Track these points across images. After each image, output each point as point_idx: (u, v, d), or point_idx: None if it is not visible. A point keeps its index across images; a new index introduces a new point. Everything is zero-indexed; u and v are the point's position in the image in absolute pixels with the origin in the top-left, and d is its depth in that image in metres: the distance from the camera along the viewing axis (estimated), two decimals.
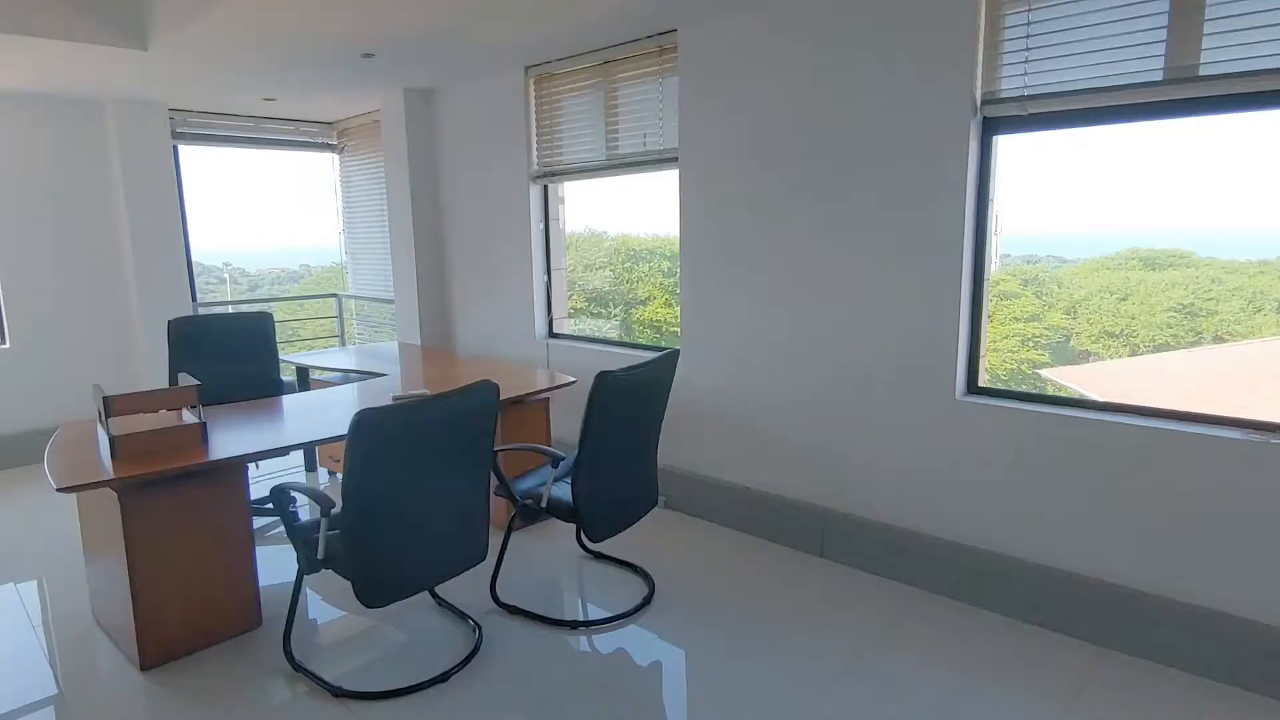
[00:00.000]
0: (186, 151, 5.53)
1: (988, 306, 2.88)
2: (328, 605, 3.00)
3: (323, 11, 3.22)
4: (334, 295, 6.48)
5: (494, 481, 2.73)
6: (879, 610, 2.86)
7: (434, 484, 2.32)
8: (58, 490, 2.26)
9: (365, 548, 2.20)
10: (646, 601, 2.92)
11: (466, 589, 2.99)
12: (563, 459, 2.73)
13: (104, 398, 2.49)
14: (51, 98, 4.85)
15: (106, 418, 2.51)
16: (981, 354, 2.91)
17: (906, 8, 2.81)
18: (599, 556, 3.33)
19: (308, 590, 3.12)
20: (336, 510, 2.27)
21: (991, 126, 2.75)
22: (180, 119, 5.38)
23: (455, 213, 5.02)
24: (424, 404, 2.25)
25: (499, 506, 3.36)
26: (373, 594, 2.24)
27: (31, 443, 4.88)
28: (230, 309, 5.56)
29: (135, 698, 2.40)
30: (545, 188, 4.52)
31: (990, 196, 2.81)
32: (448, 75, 4.56)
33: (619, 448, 2.73)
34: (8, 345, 4.87)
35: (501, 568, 2.97)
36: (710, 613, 2.86)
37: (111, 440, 2.46)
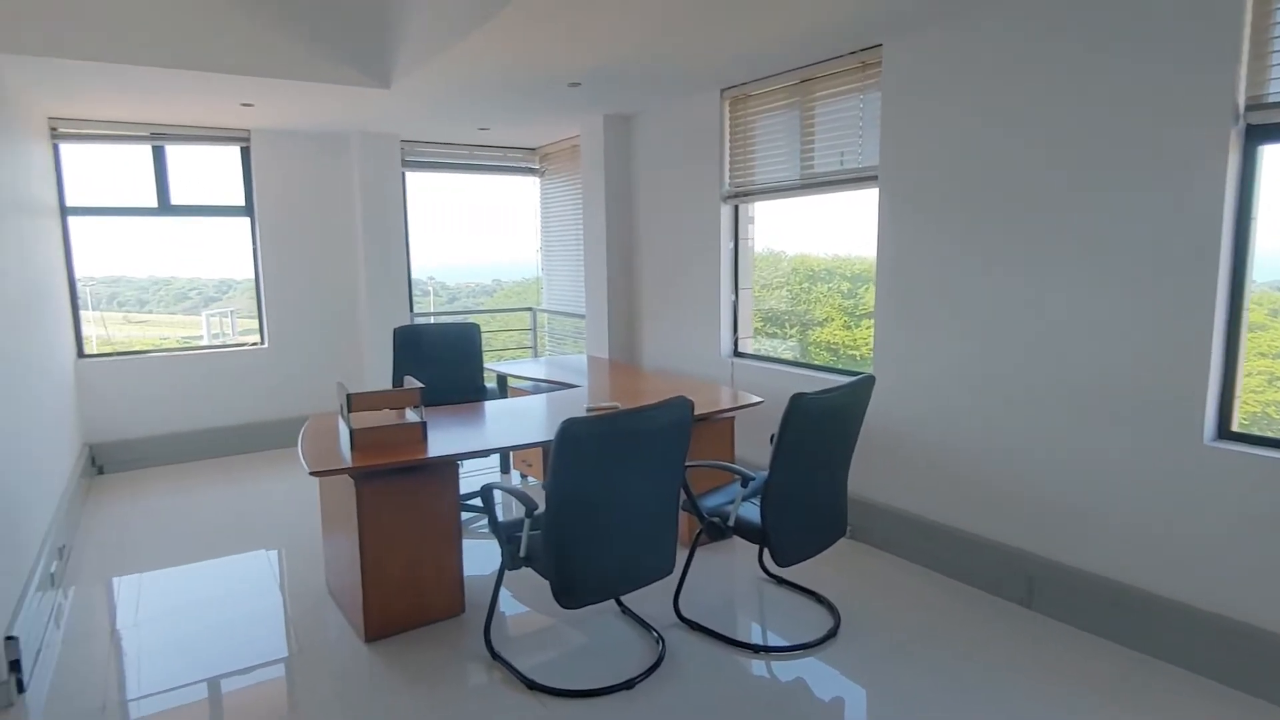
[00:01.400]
0: (411, 177, 6.17)
1: (1245, 339, 2.51)
2: (516, 600, 3.18)
3: (540, 48, 3.47)
4: (529, 309, 6.91)
5: (682, 497, 2.77)
6: (1095, 675, 2.56)
7: (630, 494, 2.39)
8: (310, 474, 2.59)
9: (564, 550, 2.32)
10: (832, 634, 2.82)
11: (650, 600, 3.05)
12: (752, 479, 2.72)
13: (347, 395, 2.82)
14: (311, 133, 5.61)
15: (348, 412, 2.84)
16: (1236, 394, 2.54)
17: (1153, 4, 2.53)
18: (781, 582, 3.27)
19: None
20: (539, 512, 2.41)
21: (1257, 135, 2.41)
22: (408, 148, 6.01)
23: (647, 232, 5.19)
24: (623, 416, 2.33)
25: (684, 522, 3.41)
26: (569, 595, 2.34)
27: (282, 430, 5.63)
28: (432, 319, 6.12)
29: (358, 665, 2.68)
30: (736, 208, 4.55)
31: (1252, 215, 2.46)
32: (646, 100, 4.74)
33: (810, 472, 2.67)
34: (266, 345, 5.68)
35: (685, 583, 3.00)
36: (898, 654, 2.71)
37: (351, 433, 2.78)
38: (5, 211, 3.42)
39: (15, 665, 2.49)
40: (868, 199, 3.68)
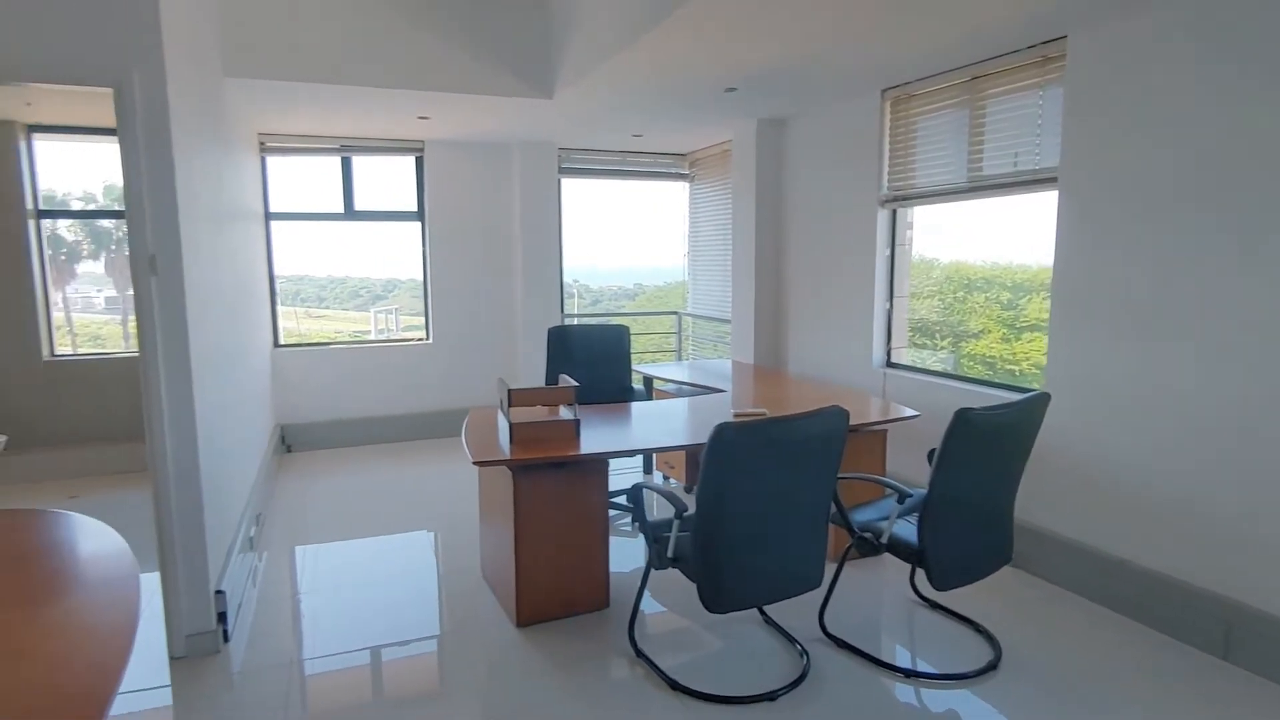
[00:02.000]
0: (566, 183, 6.40)
1: None
2: (654, 599, 3.21)
3: (700, 55, 3.50)
4: (675, 313, 6.98)
5: (832, 509, 2.70)
6: None
7: (781, 503, 2.36)
8: (473, 463, 2.76)
9: (713, 554, 2.32)
10: (991, 667, 2.64)
11: (793, 613, 3.00)
12: (910, 495, 2.60)
13: (508, 390, 2.97)
14: (477, 143, 5.97)
15: (508, 407, 2.99)
16: None
17: None
18: (935, 606, 3.10)
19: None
20: (688, 514, 2.43)
21: None
22: (565, 155, 6.25)
23: (796, 237, 5.10)
24: (776, 423, 2.30)
25: (832, 535, 3.32)
26: (716, 599, 2.35)
27: (443, 420, 6.03)
28: (576, 320, 6.35)
29: (509, 648, 2.82)
30: (893, 212, 4.38)
31: None
32: (801, 103, 4.66)
33: (974, 493, 2.53)
34: (430, 341, 6.09)
35: (831, 597, 2.92)
36: (1067, 697, 2.49)
37: (511, 427, 2.93)
38: (229, 218, 3.89)
39: (222, 617, 2.82)
40: (1041, 203, 3.43)
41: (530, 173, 5.98)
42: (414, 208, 6.02)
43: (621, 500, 4.24)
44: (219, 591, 2.81)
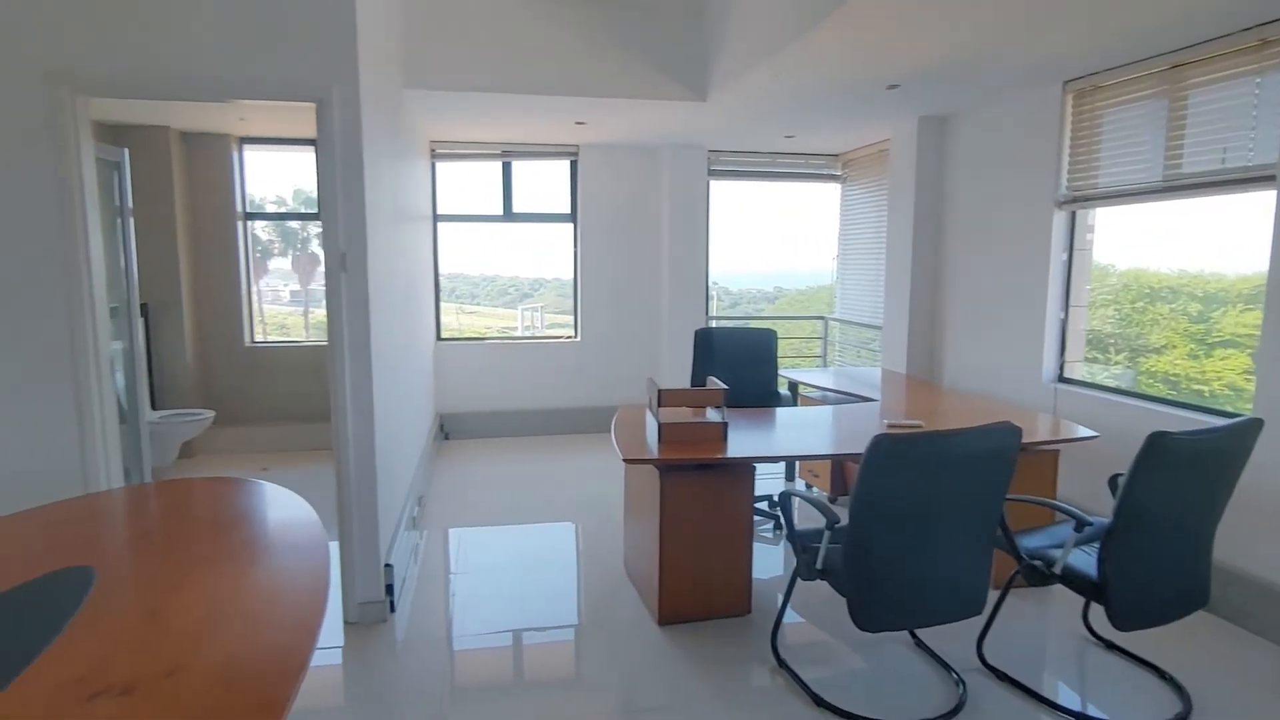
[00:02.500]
0: (715, 186, 6.40)
1: None
2: (794, 610, 3.13)
3: (863, 52, 3.38)
4: (820, 317, 6.81)
5: (998, 532, 2.52)
6: None
7: (941, 522, 2.24)
8: (624, 461, 2.81)
9: (866, 570, 2.24)
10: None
11: (948, 638, 2.83)
12: (1089, 524, 2.39)
13: (658, 390, 3.01)
14: (629, 146, 6.10)
15: (658, 407, 3.03)
16: None
17: None
18: (1111, 646, 2.83)
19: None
20: (840, 525, 2.36)
21: None
22: (714, 158, 6.25)
23: (958, 241, 4.82)
24: (941, 438, 2.18)
25: (997, 560, 3.11)
26: (866, 616, 2.26)
27: (588, 416, 6.22)
28: (714, 323, 6.32)
29: (648, 645, 2.85)
30: (1072, 214, 4.04)
31: None
32: (967, 99, 4.40)
33: (1167, 526, 2.28)
34: (578, 339, 6.29)
35: (992, 626, 2.73)
36: None
37: (660, 427, 2.96)
38: (406, 219, 4.21)
39: (389, 589, 3.04)
40: (1249, 204, 3.04)
41: (680, 175, 6.03)
42: (567, 210, 6.24)
43: (763, 506, 4.19)
44: (388, 565, 3.04)
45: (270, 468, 5.13)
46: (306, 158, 5.89)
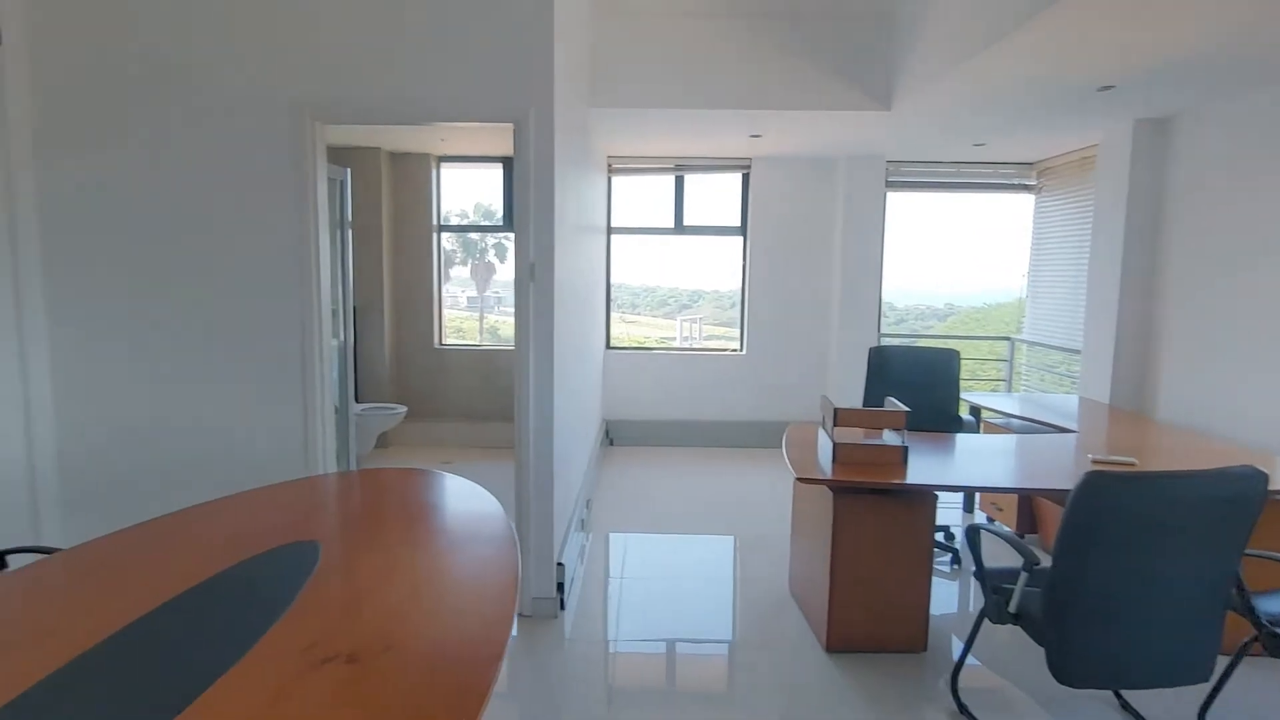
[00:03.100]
0: (893, 198, 6.14)
1: None
2: (973, 655, 2.91)
3: (1075, 52, 3.11)
4: (1006, 338, 6.32)
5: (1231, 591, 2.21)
6: None
7: (1164, 574, 1.99)
8: (796, 479, 2.75)
9: (1070, 619, 2.03)
10: None
11: (1163, 703, 2.51)
12: None
13: (834, 409, 2.91)
14: (802, 158, 6.00)
15: (833, 426, 2.93)
16: None
17: None
18: None
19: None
20: (1039, 567, 2.16)
21: None
22: (893, 169, 6.00)
23: (1180, 258, 4.30)
24: (1167, 479, 1.95)
25: (1229, 624, 2.74)
26: (1068, 670, 2.05)
27: (751, 430, 6.16)
28: (884, 340, 6.04)
29: (814, 670, 2.75)
30: None
31: None
32: (1198, 98, 3.91)
33: None
34: (744, 353, 6.25)
35: (1218, 696, 2.39)
36: None
37: (835, 446, 2.87)
38: (587, 232, 4.40)
39: (560, 587, 3.16)
40: None
41: (855, 187, 5.85)
42: (737, 222, 6.23)
43: (939, 538, 3.94)
44: (559, 563, 3.16)
45: (452, 462, 5.51)
46: (489, 174, 6.30)
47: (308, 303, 3.03)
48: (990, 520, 4.34)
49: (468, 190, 6.62)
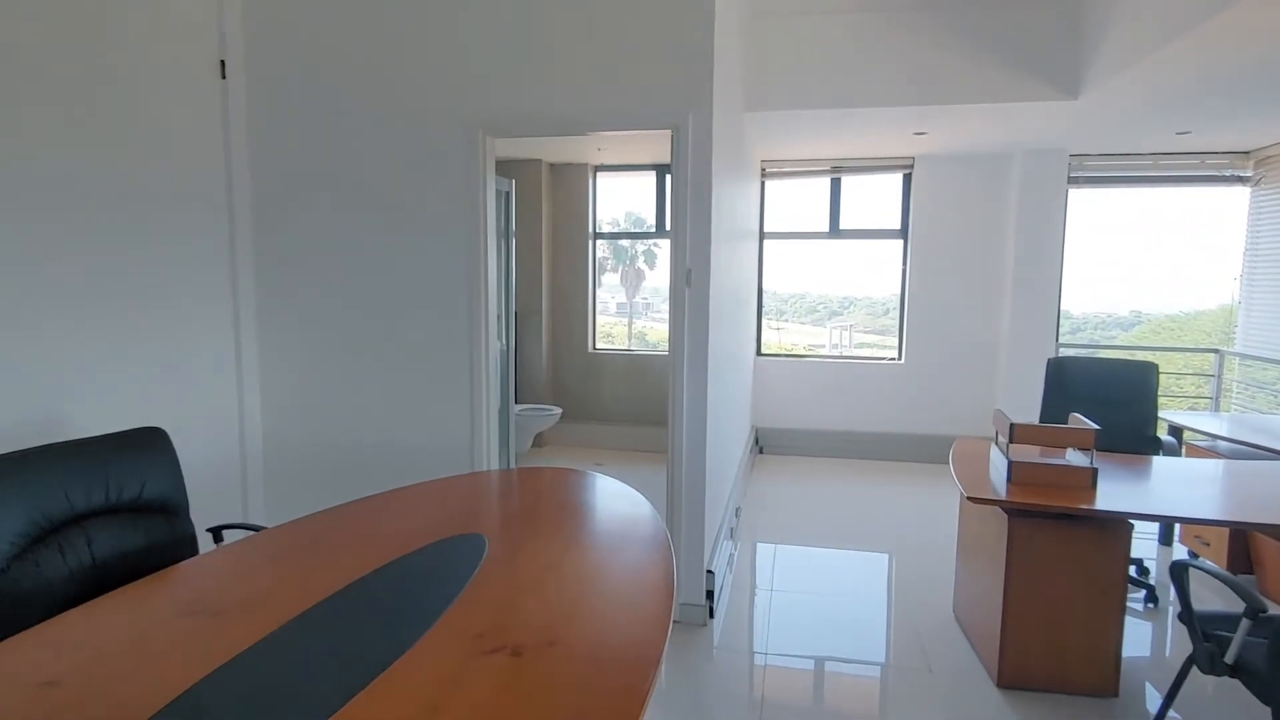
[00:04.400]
0: (1075, 195, 5.62)
1: None
2: (1176, 709, 2.57)
3: None
4: (1214, 350, 5.59)
5: None
6: None
7: None
8: (967, 499, 2.57)
9: None
10: None
11: None
12: None
13: (1010, 425, 2.69)
14: (971, 156, 5.62)
15: (1009, 443, 2.71)
16: None
17: None
18: None
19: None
20: (1267, 615, 1.88)
21: None
22: (1076, 163, 5.49)
23: None
24: None
25: None
26: None
27: (911, 444, 5.85)
28: (1064, 351, 5.48)
29: (984, 705, 2.55)
30: None
31: None
32: None
33: None
34: (902, 362, 5.95)
35: None
36: None
37: (1010, 465, 2.65)
38: (741, 238, 4.36)
39: (710, 595, 3.14)
40: None
41: (1032, 184, 5.40)
42: (897, 225, 5.94)
43: (1132, 572, 3.54)
44: (709, 571, 3.14)
45: (603, 464, 5.64)
46: (641, 181, 6.40)
47: (476, 309, 3.21)
48: (1194, 556, 3.84)
49: (619, 198, 6.78)
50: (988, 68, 4.05)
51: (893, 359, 6.05)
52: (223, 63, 3.14)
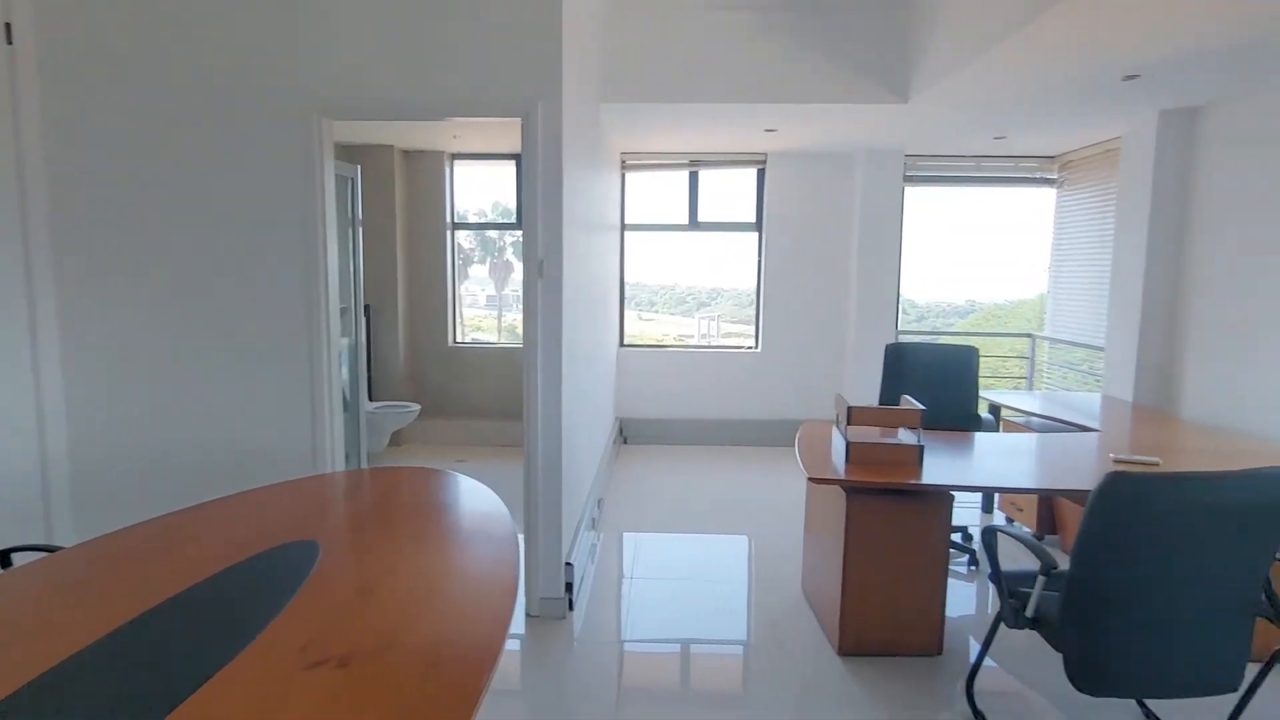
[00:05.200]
0: (911, 192, 6.04)
1: None
2: (990, 658, 2.83)
3: (1099, 40, 3.02)
4: (1027, 335, 6.20)
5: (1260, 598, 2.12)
6: None
7: (1188, 580, 1.92)
8: (809, 480, 2.70)
9: (1091, 625, 1.96)
10: None
11: (1187, 713, 2.43)
12: None
13: (848, 408, 2.86)
14: (818, 153, 5.91)
15: (846, 425, 2.88)
16: None
17: None
18: None
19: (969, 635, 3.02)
20: (1058, 571, 2.09)
21: None
22: (911, 163, 5.90)
23: (1207, 252, 4.18)
24: (1194, 481, 1.87)
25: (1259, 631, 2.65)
26: (1088, 678, 1.98)
27: (766, 429, 6.09)
28: (901, 338, 5.94)
29: (827, 674, 2.70)
30: None
31: None
32: (1226, 87, 3.80)
33: None
34: (759, 350, 6.19)
35: (1248, 706, 2.30)
36: None
37: (849, 446, 2.81)
38: (600, 229, 4.36)
39: (569, 587, 3.13)
40: None
41: (873, 182, 5.76)
42: (752, 219, 6.17)
43: (955, 538, 3.86)
44: (568, 563, 3.13)
45: (465, 460, 5.50)
46: (505, 171, 6.28)
47: (315, 302, 3.02)
48: (1010, 521, 4.25)
49: (484, 188, 6.62)
50: (829, 70, 4.26)
51: (751, 348, 6.29)
52: (8, 26, 2.77)
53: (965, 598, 3.43)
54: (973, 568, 3.73)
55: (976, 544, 3.95)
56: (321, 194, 3.01)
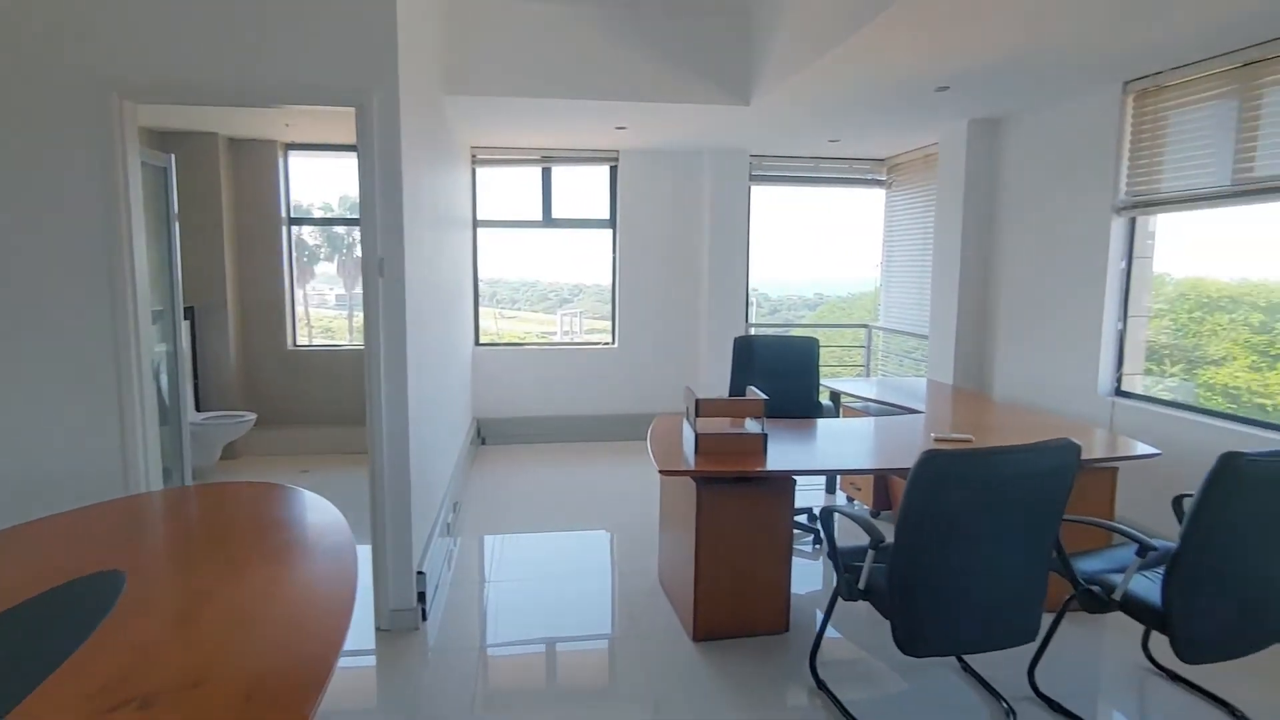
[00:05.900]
0: (757, 190, 6.31)
1: None
2: (834, 627, 3.02)
3: (911, 53, 3.28)
4: (864, 325, 6.66)
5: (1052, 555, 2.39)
6: None
7: (993, 544, 2.12)
8: (659, 472, 2.75)
9: (912, 592, 2.13)
10: None
11: (998, 664, 2.70)
12: (1154, 548, 2.24)
13: (696, 400, 2.93)
14: (669, 151, 6.04)
15: (695, 417, 2.96)
16: None
17: None
18: (1175, 678, 2.66)
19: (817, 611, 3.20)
20: (885, 544, 2.25)
21: None
22: (756, 163, 6.16)
23: (1009, 248, 4.66)
24: (994, 455, 2.07)
25: (1051, 585, 2.97)
26: (912, 642, 2.15)
27: (625, 423, 6.16)
28: (753, 330, 6.23)
29: (683, 660, 2.77)
30: (1131, 221, 3.86)
31: None
32: (1022, 101, 4.25)
33: (1241, 554, 2.13)
34: (616, 345, 6.25)
35: (1045, 653, 2.59)
36: None
37: (697, 437, 2.89)
38: (447, 225, 4.22)
39: (421, 596, 3.02)
40: None
41: (720, 180, 5.96)
42: (606, 215, 6.21)
43: (802, 519, 4.08)
44: (420, 572, 3.02)
45: (310, 470, 5.18)
46: (350, 163, 5.96)
47: (121, 305, 2.72)
48: (851, 500, 4.54)
49: (328, 181, 6.24)
50: (676, 70, 4.36)
51: (608, 344, 6.34)
52: None
53: (812, 575, 3.62)
54: (817, 546, 3.95)
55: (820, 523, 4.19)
56: (125, 186, 2.71)
